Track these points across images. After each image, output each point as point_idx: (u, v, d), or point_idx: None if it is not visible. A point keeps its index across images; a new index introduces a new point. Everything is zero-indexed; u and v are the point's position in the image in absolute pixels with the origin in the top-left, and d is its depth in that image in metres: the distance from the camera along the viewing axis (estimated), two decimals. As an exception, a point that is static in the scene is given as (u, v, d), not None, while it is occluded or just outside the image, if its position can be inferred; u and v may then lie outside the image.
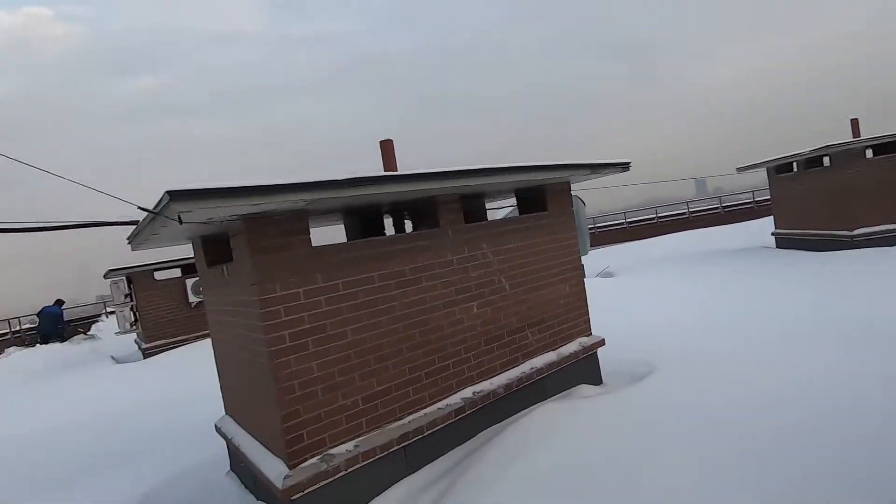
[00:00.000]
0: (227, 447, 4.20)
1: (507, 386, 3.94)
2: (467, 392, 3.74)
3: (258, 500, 3.55)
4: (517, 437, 3.38)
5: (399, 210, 4.49)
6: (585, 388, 4.52)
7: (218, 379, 4.35)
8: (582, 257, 5.18)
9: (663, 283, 10.03)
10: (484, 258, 4.00)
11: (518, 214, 4.74)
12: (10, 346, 14.45)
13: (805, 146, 10.80)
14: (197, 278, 11.83)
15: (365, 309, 3.29)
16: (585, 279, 5.07)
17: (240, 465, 3.94)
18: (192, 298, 11.76)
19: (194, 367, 8.88)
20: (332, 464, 2.97)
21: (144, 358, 11.12)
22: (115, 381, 9.40)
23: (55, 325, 14.87)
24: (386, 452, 3.21)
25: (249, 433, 3.60)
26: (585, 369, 4.65)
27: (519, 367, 4.14)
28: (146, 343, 11.36)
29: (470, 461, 3.30)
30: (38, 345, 14.14)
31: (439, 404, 3.59)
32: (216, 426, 4.21)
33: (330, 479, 2.96)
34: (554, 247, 4.57)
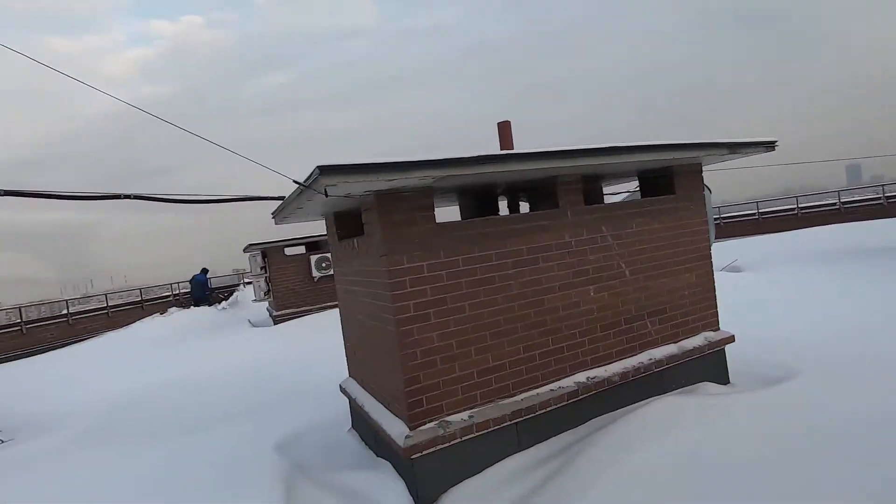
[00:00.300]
0: (350, 407, 4.59)
1: (623, 375, 3.80)
2: (581, 377, 3.68)
3: (378, 456, 3.85)
4: (634, 428, 3.26)
5: (515, 191, 4.50)
6: (709, 386, 4.20)
7: (343, 344, 4.75)
8: (709, 247, 4.78)
9: (802, 282, 8.88)
10: (603, 241, 3.87)
11: (640, 198, 4.50)
12: (171, 307, 17.07)
13: None
14: (320, 255, 12.94)
15: (483, 286, 3.38)
16: (714, 270, 4.67)
17: (361, 424, 4.29)
18: (315, 273, 12.89)
19: (317, 334, 9.77)
20: (448, 430, 3.12)
21: (275, 324, 12.46)
22: (251, 341, 10.68)
23: (203, 291, 17.22)
24: (498, 426, 3.29)
25: (372, 395, 3.90)
26: (710, 366, 4.32)
27: (636, 356, 3.97)
28: (276, 311, 12.71)
29: (582, 446, 3.26)
30: (191, 307, 16.51)
31: (552, 386, 3.58)
32: (340, 387, 4.62)
33: (446, 445, 3.12)
34: (680, 233, 4.27)
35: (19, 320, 14.22)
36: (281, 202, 3.74)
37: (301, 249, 13.33)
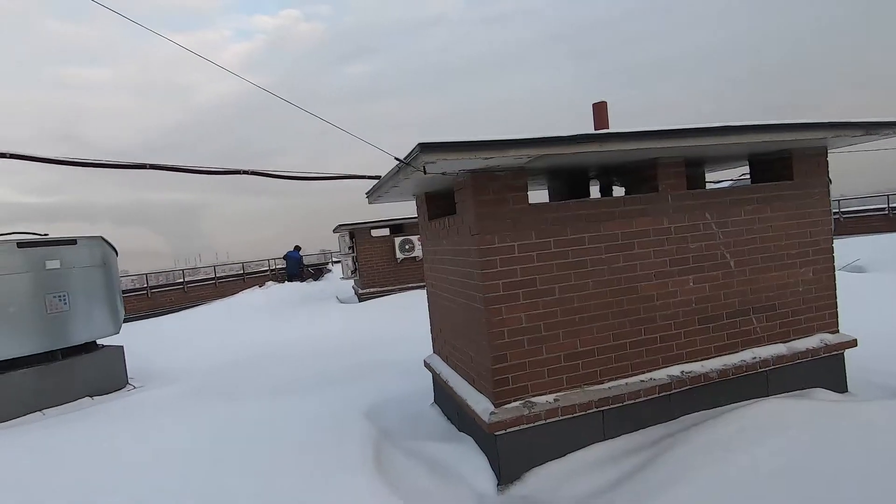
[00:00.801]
0: (433, 382, 4.74)
1: (722, 372, 3.56)
2: (674, 370, 3.51)
3: (460, 431, 3.95)
4: (734, 428, 3.05)
5: (609, 174, 4.33)
6: (822, 393, 3.81)
7: (429, 322, 4.89)
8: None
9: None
10: (706, 229, 3.63)
11: (750, 184, 4.14)
12: (269, 281, 18.54)
13: None
14: (404, 238, 13.35)
15: (573, 269, 3.31)
16: (835, 266, 4.19)
17: (444, 399, 4.42)
18: (399, 255, 13.33)
19: (399, 312, 10.15)
20: (533, 410, 3.13)
21: (360, 301, 13.10)
22: (339, 316, 11.33)
23: (296, 267, 18.46)
24: (584, 412, 3.24)
25: (457, 371, 4.00)
26: (825, 371, 3.91)
27: (738, 354, 3.70)
28: (361, 289, 13.35)
29: (674, 441, 3.11)
30: (286, 282, 17.79)
31: (642, 377, 3.45)
32: (425, 362, 4.78)
33: (530, 425, 3.13)
34: (798, 223, 3.88)
35: (145, 286, 16.24)
36: (377, 181, 3.90)
37: (386, 232, 13.83)
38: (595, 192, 4.79)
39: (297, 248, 19.10)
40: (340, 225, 13.70)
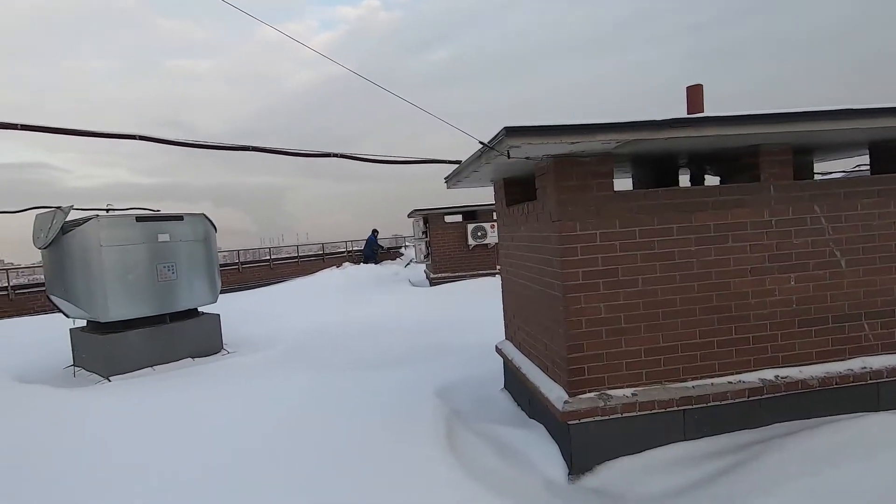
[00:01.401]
0: (504, 367, 4.76)
1: (824, 380, 3.27)
2: (768, 374, 3.27)
3: (530, 417, 3.95)
4: (839, 440, 2.80)
5: (701, 161, 4.06)
6: (946, 413, 3.38)
7: (502, 308, 4.90)
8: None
9: None
10: (814, 223, 3.31)
11: (869, 174, 3.71)
12: (346, 262, 19.42)
13: None
14: (476, 224, 13.39)
15: (659, 261, 3.17)
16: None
17: (515, 384, 4.43)
18: (471, 241, 13.41)
19: (470, 298, 10.24)
20: (609, 403, 3.06)
21: (431, 286, 13.37)
22: (411, 298, 11.64)
23: (372, 250, 19.16)
24: (664, 410, 3.12)
25: (529, 358, 3.99)
26: (952, 388, 3.46)
27: (844, 362, 3.36)
28: (433, 273, 13.61)
29: (766, 448, 2.91)
30: (361, 263, 18.53)
31: (730, 378, 3.24)
32: (497, 347, 4.80)
33: (605, 417, 3.06)
34: (928, 220, 3.43)
35: (236, 261, 17.64)
36: (457, 165, 3.95)
37: (458, 218, 13.95)
38: (684, 181, 4.53)
39: (375, 232, 19.79)
40: (415, 210, 14.00)
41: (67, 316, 6.95)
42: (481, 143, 2.87)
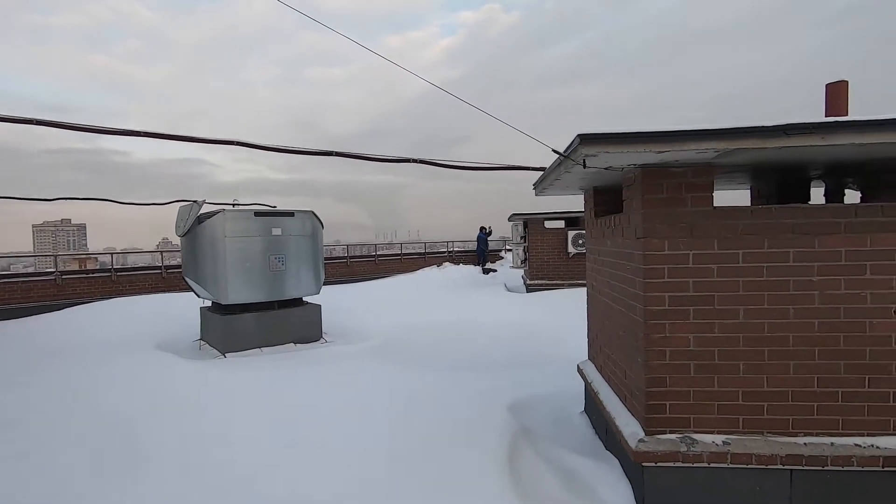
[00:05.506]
0: (585, 390, 4.43)
1: None
2: (913, 440, 2.62)
3: (606, 448, 3.63)
4: None
5: (840, 173, 3.40)
6: None
7: (587, 325, 4.58)
8: None
9: None
10: None
11: None
12: (445, 262, 19.75)
13: None
14: (577, 231, 12.79)
15: (768, 290, 2.69)
16: None
17: (593, 410, 4.10)
18: (571, 250, 12.83)
19: (566, 308, 9.79)
20: (693, 449, 2.67)
21: (527, 292, 13.05)
22: (505, 304, 11.45)
23: (481, 249, 19.09)
24: (764, 466, 2.64)
25: (608, 384, 3.66)
26: None
27: None
28: (530, 280, 13.27)
29: (899, 534, 2.33)
30: (478, 265, 18.56)
31: (858, 440, 2.66)
32: (578, 367, 4.49)
33: (688, 464, 2.68)
34: None
35: (346, 255, 18.84)
36: (541, 173, 3.75)
37: (560, 224, 13.43)
38: (817, 195, 3.83)
39: (482, 230, 19.56)
40: (515, 214, 13.76)
41: (198, 296, 7.92)
42: (555, 151, 2.66)
